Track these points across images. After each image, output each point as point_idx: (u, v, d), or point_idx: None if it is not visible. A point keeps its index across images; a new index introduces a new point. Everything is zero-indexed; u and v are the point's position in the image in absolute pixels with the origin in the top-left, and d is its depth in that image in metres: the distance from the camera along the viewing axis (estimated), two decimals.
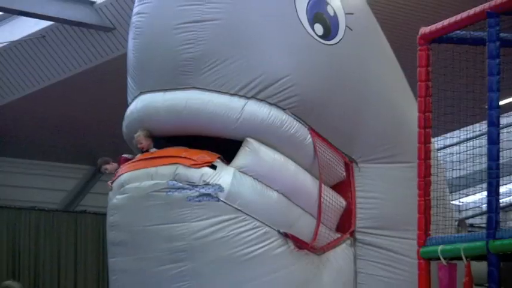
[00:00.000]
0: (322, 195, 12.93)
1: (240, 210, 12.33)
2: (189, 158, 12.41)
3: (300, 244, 12.65)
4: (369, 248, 13.35)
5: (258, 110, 12.69)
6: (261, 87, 12.71)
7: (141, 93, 13.15)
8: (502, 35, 8.93)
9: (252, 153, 12.62)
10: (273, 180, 12.61)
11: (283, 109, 12.77)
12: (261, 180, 12.53)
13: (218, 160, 12.45)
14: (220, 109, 12.65)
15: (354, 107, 13.30)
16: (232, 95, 12.68)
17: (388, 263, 13.29)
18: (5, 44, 18.18)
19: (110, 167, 13.16)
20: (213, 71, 12.65)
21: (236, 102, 12.66)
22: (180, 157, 12.46)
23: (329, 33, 13.20)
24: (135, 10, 13.34)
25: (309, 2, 13.08)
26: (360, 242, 13.36)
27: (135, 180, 12.60)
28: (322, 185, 12.97)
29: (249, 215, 12.37)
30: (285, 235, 12.53)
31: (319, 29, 13.12)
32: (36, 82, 18.53)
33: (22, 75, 18.53)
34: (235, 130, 12.69)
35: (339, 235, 13.25)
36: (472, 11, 9.05)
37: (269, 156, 12.66)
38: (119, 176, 12.90)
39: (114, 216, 12.89)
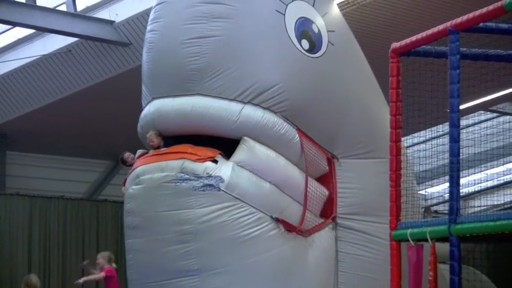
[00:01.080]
0: (308, 186, 12.92)
1: (238, 199, 12.31)
2: (195, 154, 12.40)
3: (289, 227, 12.64)
4: (348, 231, 13.33)
5: (253, 113, 12.68)
6: (255, 93, 12.68)
7: (154, 98, 13.13)
8: (461, 49, 8.96)
9: (248, 150, 12.61)
10: (266, 173, 12.61)
11: (275, 112, 12.75)
12: (256, 173, 12.51)
13: (219, 156, 12.43)
14: (221, 112, 12.64)
15: (335, 110, 13.27)
16: (231, 100, 12.65)
17: (364, 244, 13.27)
18: (38, 57, 18.18)
19: (131, 156, 13.16)
20: (215, 80, 12.63)
21: (234, 107, 12.65)
22: (187, 153, 12.44)
23: (314, 47, 13.20)
24: (148, 28, 13.34)
25: (296, 21, 13.08)
26: (340, 225, 13.34)
27: (148, 172, 12.61)
28: (308, 177, 12.96)
29: (245, 202, 12.34)
30: (277, 220, 12.51)
31: (305, 44, 13.13)
32: (64, 90, 18.49)
33: (52, 83, 18.51)
34: (233, 130, 12.69)
35: (322, 220, 13.24)
36: (436, 29, 9.04)
37: (263, 153, 12.66)
38: (135, 168, 12.92)
39: (130, 204, 12.88)
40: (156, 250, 12.35)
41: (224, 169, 12.35)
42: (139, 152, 12.98)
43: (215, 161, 12.37)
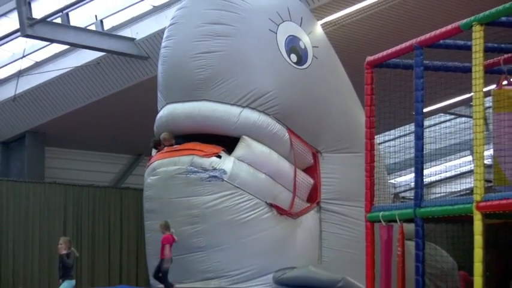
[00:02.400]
0: (297, 176, 12.96)
1: (238, 187, 12.36)
2: (202, 150, 12.43)
3: (281, 211, 12.70)
4: (330, 214, 13.33)
5: (251, 115, 12.67)
6: (252, 99, 12.69)
7: (167, 103, 13.14)
8: (424, 62, 8.95)
9: (247, 146, 12.61)
10: (261, 166, 12.61)
11: (269, 115, 12.76)
12: (253, 165, 12.53)
13: (222, 152, 12.46)
14: (223, 115, 12.64)
15: (319, 113, 13.26)
16: (232, 104, 12.65)
17: (344, 224, 13.27)
18: (71, 68, 18.16)
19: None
20: (218, 88, 12.63)
21: (235, 110, 12.64)
22: (196, 150, 12.48)
23: (301, 60, 13.18)
24: (163, 44, 13.32)
25: (286, 39, 13.06)
26: (324, 209, 13.34)
27: (163, 166, 12.62)
28: (296, 169, 13.01)
29: (244, 190, 12.38)
30: (270, 205, 12.56)
31: (294, 57, 13.11)
32: (93, 95, 18.44)
33: (83, 90, 18.46)
34: (234, 130, 12.69)
35: (308, 204, 13.26)
36: (403, 45, 9.02)
37: (258, 149, 12.64)
38: (152, 162, 12.95)
39: (148, 192, 12.90)
40: None
41: (227, 163, 12.37)
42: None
43: (219, 156, 12.39)
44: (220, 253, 12.32)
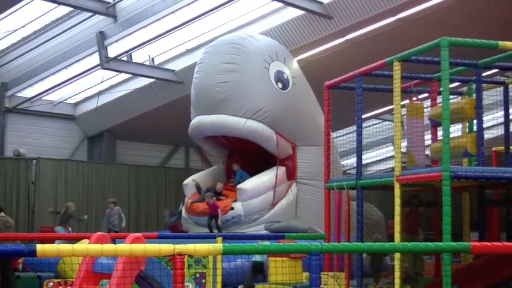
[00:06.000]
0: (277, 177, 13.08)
1: (250, 214, 12.71)
2: (225, 211, 12.51)
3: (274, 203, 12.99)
4: (303, 186, 13.38)
5: (252, 124, 12.72)
6: (253, 113, 12.74)
7: (197, 115, 13.18)
8: (363, 85, 8.89)
9: (243, 191, 12.69)
10: (256, 194, 12.73)
11: (263, 123, 12.82)
12: (251, 197, 12.67)
13: (233, 204, 12.58)
14: (234, 123, 12.69)
15: (296, 121, 13.28)
16: (240, 116, 12.71)
17: (311, 192, 13.30)
18: (133, 89, 18.20)
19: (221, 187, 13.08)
20: (231, 106, 12.67)
21: (242, 120, 12.71)
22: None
23: (285, 86, 13.22)
24: (194, 76, 13.35)
25: (275, 72, 13.11)
26: (299, 183, 13.39)
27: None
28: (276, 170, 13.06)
29: (254, 213, 12.77)
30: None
31: (280, 85, 13.15)
32: (147, 106, 18.40)
33: (141, 103, 18.43)
34: (241, 133, 12.78)
35: (290, 182, 13.36)
36: (349, 74, 8.91)
37: (250, 186, 12.76)
38: (192, 215, 13.02)
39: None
40: None
41: (238, 207, 12.52)
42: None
43: (232, 208, 12.46)
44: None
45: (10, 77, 18.00)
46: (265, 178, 12.89)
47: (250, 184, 12.70)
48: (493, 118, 10.50)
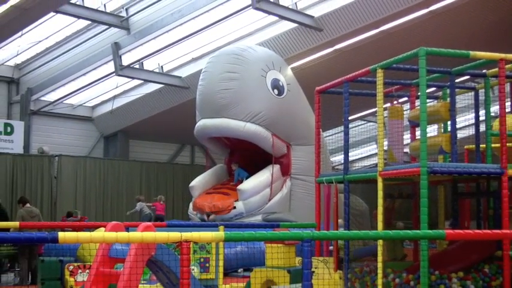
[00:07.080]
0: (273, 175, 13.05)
1: (251, 210, 12.67)
2: (228, 210, 12.54)
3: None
4: (296, 181, 13.38)
5: (251, 126, 12.72)
6: (251, 116, 12.73)
7: (202, 118, 13.16)
8: (350, 90, 8.84)
9: (242, 191, 12.64)
10: (254, 192, 12.66)
11: (261, 125, 12.82)
12: (251, 196, 12.60)
13: (235, 203, 12.52)
14: (235, 126, 12.67)
15: (291, 123, 13.26)
16: (240, 120, 12.68)
17: (303, 187, 13.31)
18: (144, 94, 18.21)
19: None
20: (232, 110, 12.66)
21: (242, 123, 12.69)
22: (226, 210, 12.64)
23: (280, 93, 13.23)
24: (199, 83, 13.31)
25: (271, 80, 13.11)
26: (293, 178, 13.39)
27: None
28: (272, 169, 13.03)
29: (255, 209, 12.72)
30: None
31: (276, 91, 13.15)
32: (156, 109, 18.47)
33: (151, 106, 18.50)
34: (241, 135, 12.76)
35: (285, 177, 13.33)
36: (337, 80, 8.61)
37: (249, 186, 12.70)
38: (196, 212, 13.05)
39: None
40: None
41: (239, 206, 12.48)
42: None
43: (234, 207, 12.42)
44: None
45: (35, 83, 18.21)
46: (263, 178, 12.94)
47: (249, 184, 12.73)
48: (465, 120, 10.50)
